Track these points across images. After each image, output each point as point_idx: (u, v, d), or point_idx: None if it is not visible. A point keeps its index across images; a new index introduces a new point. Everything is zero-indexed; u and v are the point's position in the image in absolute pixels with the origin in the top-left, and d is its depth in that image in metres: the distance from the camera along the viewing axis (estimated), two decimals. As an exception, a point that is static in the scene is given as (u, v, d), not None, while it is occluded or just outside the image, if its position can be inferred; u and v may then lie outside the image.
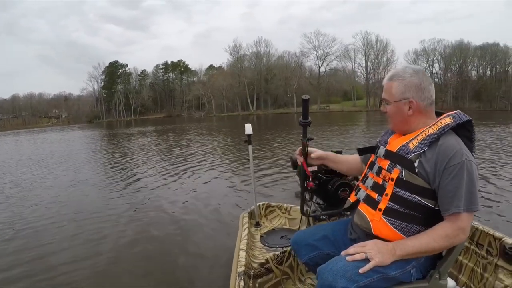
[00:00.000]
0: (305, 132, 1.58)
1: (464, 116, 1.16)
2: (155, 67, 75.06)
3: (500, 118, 23.89)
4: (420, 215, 1.15)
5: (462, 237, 1.10)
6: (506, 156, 7.54)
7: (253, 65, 61.97)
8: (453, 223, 1.09)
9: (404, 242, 1.14)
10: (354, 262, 1.13)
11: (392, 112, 1.24)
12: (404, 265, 1.15)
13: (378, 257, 1.12)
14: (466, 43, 54.71)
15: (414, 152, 1.15)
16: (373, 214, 1.22)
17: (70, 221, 4.24)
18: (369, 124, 22.22)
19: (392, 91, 1.23)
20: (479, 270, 1.75)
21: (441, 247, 1.12)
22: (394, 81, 1.23)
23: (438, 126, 1.15)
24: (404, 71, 1.22)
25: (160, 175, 7.02)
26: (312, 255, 1.40)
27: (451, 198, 1.08)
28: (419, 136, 1.17)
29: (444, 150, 1.10)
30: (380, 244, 1.16)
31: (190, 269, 2.81)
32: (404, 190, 1.15)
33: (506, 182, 5.09)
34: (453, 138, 1.13)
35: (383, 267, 1.12)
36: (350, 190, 1.81)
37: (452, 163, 1.08)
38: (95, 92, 71.05)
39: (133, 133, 24.12)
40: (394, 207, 1.17)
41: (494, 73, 54.27)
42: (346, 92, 61.70)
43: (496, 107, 50.13)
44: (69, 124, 62.56)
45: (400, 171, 1.16)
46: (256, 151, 9.15)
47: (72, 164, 9.42)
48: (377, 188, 1.24)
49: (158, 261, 2.99)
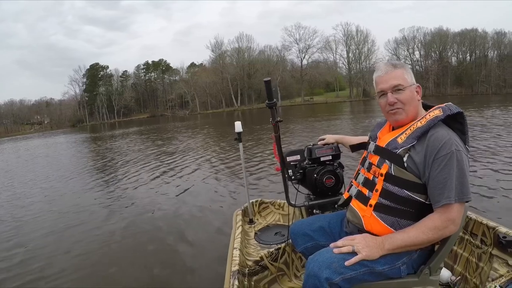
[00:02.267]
0: (273, 114, 1.60)
1: (455, 108, 1.13)
2: (136, 67, 74.10)
3: (482, 101, 24.04)
4: (411, 210, 1.13)
5: (452, 229, 1.08)
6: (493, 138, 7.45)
7: (235, 61, 61.59)
8: (442, 214, 1.07)
9: (393, 236, 1.13)
10: (341, 255, 1.13)
11: (408, 98, 1.19)
12: (394, 261, 1.14)
13: (365, 250, 1.12)
14: (445, 30, 55.45)
15: (402, 147, 1.14)
16: (364, 210, 1.22)
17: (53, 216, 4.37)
18: (354, 114, 22.35)
19: (405, 76, 1.19)
20: (474, 260, 1.74)
21: (430, 239, 1.09)
22: (399, 68, 1.20)
23: (427, 119, 1.13)
24: (399, 62, 1.25)
25: (149, 175, 6.87)
26: (308, 245, 1.41)
27: (442, 189, 1.06)
28: (408, 130, 1.16)
29: (433, 142, 1.08)
30: (369, 238, 1.16)
31: (183, 269, 2.76)
32: (393, 185, 1.14)
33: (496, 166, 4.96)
34: (443, 129, 1.10)
35: (371, 261, 1.12)
36: (335, 177, 1.84)
37: (441, 153, 1.06)
38: (77, 96, 70.05)
39: (117, 135, 23.90)
40: (385, 202, 1.16)
41: (473, 58, 55.03)
42: (328, 83, 61.75)
43: (478, 91, 50.79)
44: (51, 129, 61.46)
45: (389, 166, 1.15)
46: (245, 148, 8.90)
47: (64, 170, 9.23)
48: (368, 184, 1.24)
49: (151, 261, 2.94)
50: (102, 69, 70.97)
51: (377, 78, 1.24)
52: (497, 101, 26.07)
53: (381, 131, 1.32)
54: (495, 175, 4.51)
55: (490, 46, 53.84)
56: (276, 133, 1.63)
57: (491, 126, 9.72)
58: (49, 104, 74.38)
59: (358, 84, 56.26)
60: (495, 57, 53.66)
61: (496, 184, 4.10)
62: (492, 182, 4.17)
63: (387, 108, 1.21)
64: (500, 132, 8.41)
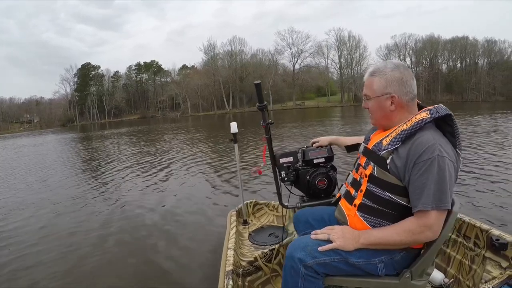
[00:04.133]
0: (264, 116, 1.62)
1: (443, 110, 1.10)
2: (128, 68, 73.54)
3: (471, 109, 24.46)
4: (393, 212, 1.14)
5: (429, 235, 1.07)
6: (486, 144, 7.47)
7: (227, 64, 61.46)
8: (419, 219, 1.07)
9: (369, 231, 1.16)
10: (317, 241, 1.20)
11: (374, 108, 1.22)
12: (370, 256, 1.17)
13: (340, 240, 1.16)
14: (436, 37, 55.95)
15: (386, 149, 1.14)
16: (350, 209, 1.26)
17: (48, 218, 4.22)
18: (345, 119, 22.49)
19: (374, 87, 1.20)
20: (467, 262, 1.75)
21: (403, 241, 1.10)
22: (375, 77, 1.20)
23: (412, 121, 1.11)
24: (385, 66, 1.19)
25: (142, 177, 6.64)
26: (307, 232, 1.40)
27: (419, 194, 1.05)
28: (393, 133, 1.16)
29: (416, 146, 1.07)
30: (347, 230, 1.20)
31: (178, 270, 2.72)
32: (376, 186, 1.16)
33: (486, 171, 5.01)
34: (429, 133, 1.08)
35: (345, 252, 1.16)
36: (328, 179, 1.87)
37: (423, 158, 1.05)
38: (67, 95, 69.30)
39: (108, 135, 23.43)
40: (367, 203, 1.18)
41: (464, 65, 55.58)
42: (319, 88, 61.94)
43: (468, 98, 51.25)
44: (41, 128, 60.57)
45: (373, 168, 1.17)
46: (239, 149, 8.72)
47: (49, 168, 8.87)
48: (355, 184, 1.28)
49: (145, 262, 2.90)
50: (93, 68, 70.41)
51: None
52: (486, 108, 26.47)
53: (374, 133, 1.32)
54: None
55: (480, 53, 54.49)
56: (268, 135, 1.64)
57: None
58: (39, 103, 73.42)
59: (349, 89, 56.47)
60: (485, 64, 54.32)
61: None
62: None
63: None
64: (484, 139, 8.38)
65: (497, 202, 3.62)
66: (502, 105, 33.41)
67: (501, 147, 7.12)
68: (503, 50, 53.58)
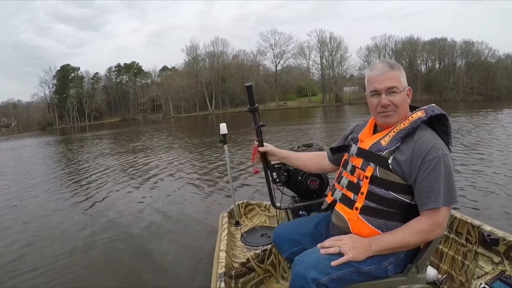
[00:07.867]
0: (255, 119, 1.59)
1: (438, 109, 1.14)
2: (108, 69, 72.08)
3: (450, 108, 24.93)
4: (398, 211, 1.14)
5: (438, 232, 1.10)
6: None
7: (209, 65, 61.11)
8: (430, 218, 1.08)
9: (380, 237, 1.13)
10: (328, 255, 1.14)
11: (402, 101, 1.18)
12: (380, 261, 1.15)
13: (352, 252, 1.12)
14: (415, 39, 56.95)
15: (386, 149, 1.14)
16: (350, 213, 1.21)
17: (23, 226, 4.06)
18: (327, 119, 22.88)
19: (401, 79, 1.18)
20: (460, 258, 1.76)
21: (416, 242, 1.11)
22: (396, 70, 1.18)
23: (410, 120, 1.14)
24: (394, 62, 1.21)
25: (130, 180, 6.44)
26: (294, 250, 1.36)
27: (429, 192, 1.06)
28: (391, 132, 1.16)
29: (420, 145, 1.09)
30: (356, 239, 1.15)
31: (170, 273, 2.69)
32: (379, 187, 1.14)
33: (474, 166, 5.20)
34: (429, 133, 1.12)
35: (357, 262, 1.12)
36: (319, 180, 1.89)
37: (429, 157, 1.07)
38: (46, 98, 67.45)
39: (89, 137, 23.06)
40: (371, 205, 1.16)
41: (442, 66, 56.66)
42: (300, 88, 62.19)
43: (446, 97, 52.15)
44: (19, 132, 58.67)
45: (374, 169, 1.15)
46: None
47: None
48: (353, 187, 1.23)
49: (136, 266, 2.87)
50: (73, 70, 68.74)
51: (372, 77, 1.19)
52: (463, 107, 27.12)
53: (362, 134, 1.29)
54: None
55: (458, 55, 55.73)
56: (259, 137, 1.61)
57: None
58: (17, 106, 71.36)
59: (331, 89, 56.81)
60: (463, 65, 55.55)
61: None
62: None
63: (379, 109, 1.18)
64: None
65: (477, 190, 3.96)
66: (479, 104, 34.12)
67: (480, 144, 7.44)
68: (480, 51, 55.03)
